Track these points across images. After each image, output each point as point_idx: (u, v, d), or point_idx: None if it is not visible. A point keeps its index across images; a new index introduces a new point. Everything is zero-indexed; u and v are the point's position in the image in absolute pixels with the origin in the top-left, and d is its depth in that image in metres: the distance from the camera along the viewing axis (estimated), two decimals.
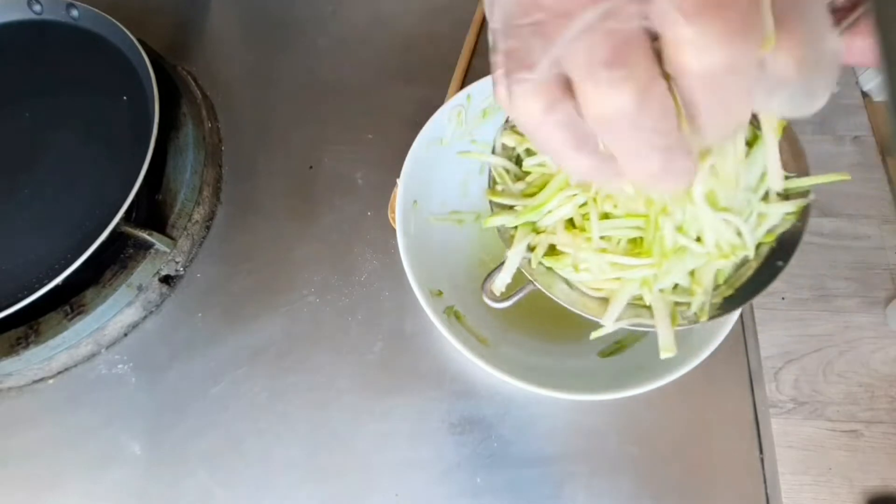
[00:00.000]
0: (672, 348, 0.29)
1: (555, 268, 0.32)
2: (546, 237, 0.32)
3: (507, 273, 0.33)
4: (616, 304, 0.30)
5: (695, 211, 0.27)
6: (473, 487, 0.41)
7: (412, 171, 0.42)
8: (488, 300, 0.34)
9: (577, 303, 0.32)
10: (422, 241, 0.41)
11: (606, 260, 0.30)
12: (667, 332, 0.29)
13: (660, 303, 0.30)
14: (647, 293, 0.30)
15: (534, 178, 0.33)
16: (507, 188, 0.34)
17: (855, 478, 0.39)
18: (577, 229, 0.31)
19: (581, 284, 0.32)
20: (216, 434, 0.43)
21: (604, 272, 0.31)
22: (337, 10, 0.60)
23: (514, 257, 0.32)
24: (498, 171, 0.35)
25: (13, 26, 0.56)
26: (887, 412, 0.40)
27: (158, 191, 0.49)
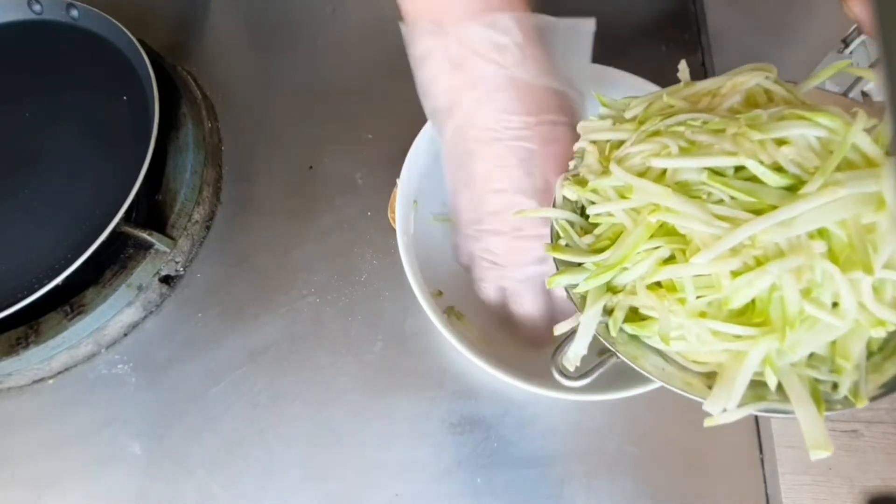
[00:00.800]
0: (826, 445, 0.22)
1: (640, 336, 0.27)
2: (626, 298, 0.27)
3: (582, 343, 0.27)
4: (731, 385, 0.24)
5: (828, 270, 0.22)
6: (473, 487, 0.41)
7: (412, 171, 0.42)
8: (560, 377, 0.28)
9: (675, 380, 0.26)
10: (422, 240, 0.41)
11: (707, 327, 0.24)
12: (813, 422, 0.22)
13: (795, 382, 0.23)
14: (771, 373, 0.24)
15: (603, 230, 0.29)
16: (573, 243, 0.30)
17: (855, 478, 0.39)
18: (665, 288, 0.26)
19: (678, 356, 0.27)
20: (216, 434, 0.43)
21: (704, 343, 0.25)
22: (337, 10, 0.60)
23: (588, 323, 0.27)
24: (560, 224, 0.31)
25: (13, 26, 0.56)
26: (887, 412, 0.40)
27: (158, 191, 0.49)
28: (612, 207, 0.28)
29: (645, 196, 0.26)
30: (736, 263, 0.23)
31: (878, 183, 0.22)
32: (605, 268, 0.27)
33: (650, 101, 0.31)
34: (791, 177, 0.23)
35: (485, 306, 0.41)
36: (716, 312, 0.25)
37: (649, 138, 0.28)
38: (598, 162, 0.31)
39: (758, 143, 0.24)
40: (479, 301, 0.41)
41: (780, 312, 0.23)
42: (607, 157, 0.30)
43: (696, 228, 0.24)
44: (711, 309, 0.25)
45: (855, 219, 0.22)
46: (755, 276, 0.23)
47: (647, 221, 0.26)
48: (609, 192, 0.29)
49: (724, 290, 0.24)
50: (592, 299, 0.27)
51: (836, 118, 0.24)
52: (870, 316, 0.23)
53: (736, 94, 0.28)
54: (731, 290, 0.24)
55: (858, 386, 0.23)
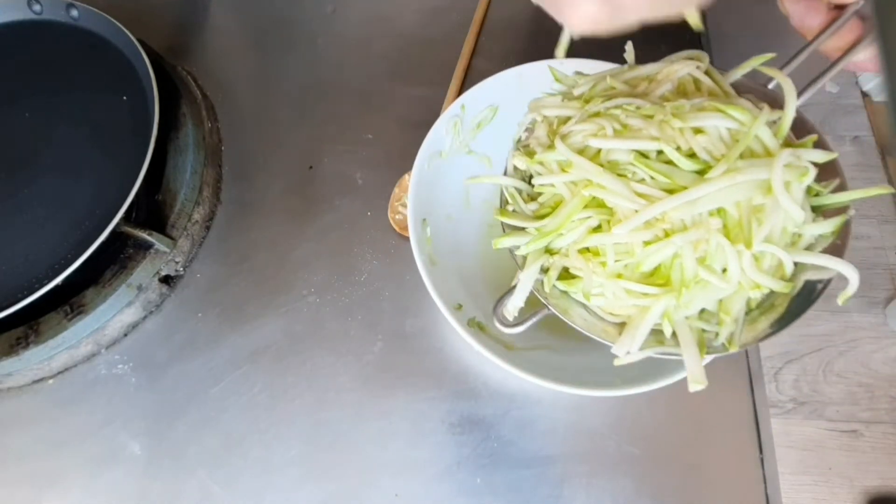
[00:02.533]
0: (702, 380, 0.27)
1: (569, 292, 0.31)
2: (560, 259, 0.31)
3: (520, 297, 0.32)
4: (634, 333, 0.29)
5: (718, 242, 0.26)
6: (473, 487, 0.41)
7: (418, 190, 0.42)
8: (500, 325, 0.33)
9: (595, 328, 0.30)
10: (436, 257, 0.41)
11: (621, 286, 0.29)
12: (695, 362, 0.28)
13: (685, 331, 0.28)
14: (668, 324, 0.28)
15: (546, 199, 0.33)
16: (519, 209, 0.33)
17: (855, 478, 0.39)
18: (592, 252, 0.30)
19: (599, 309, 0.31)
20: (216, 434, 0.43)
21: (619, 299, 0.29)
22: (337, 10, 0.61)
23: (526, 280, 0.31)
24: (510, 191, 0.34)
25: (13, 26, 0.56)
26: (887, 412, 0.40)
27: (158, 191, 0.49)
28: (553, 179, 0.31)
29: (581, 172, 0.30)
30: (648, 235, 0.28)
31: (770, 171, 0.26)
32: (543, 233, 0.31)
33: (596, 81, 0.34)
34: (701, 162, 0.28)
35: None
36: (630, 274, 0.29)
37: (591, 118, 0.31)
38: (546, 136, 0.34)
39: (678, 130, 0.28)
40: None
41: (679, 276, 0.28)
42: (555, 131, 0.34)
43: (619, 203, 0.28)
44: (627, 271, 0.29)
45: (747, 201, 0.27)
46: (662, 245, 0.27)
47: (581, 195, 0.30)
48: (553, 166, 0.32)
49: (637, 256, 0.28)
50: (531, 260, 0.31)
51: (745, 112, 0.27)
52: (749, 280, 0.28)
53: (668, 81, 0.31)
54: (642, 257, 0.28)
55: (733, 335, 0.29)
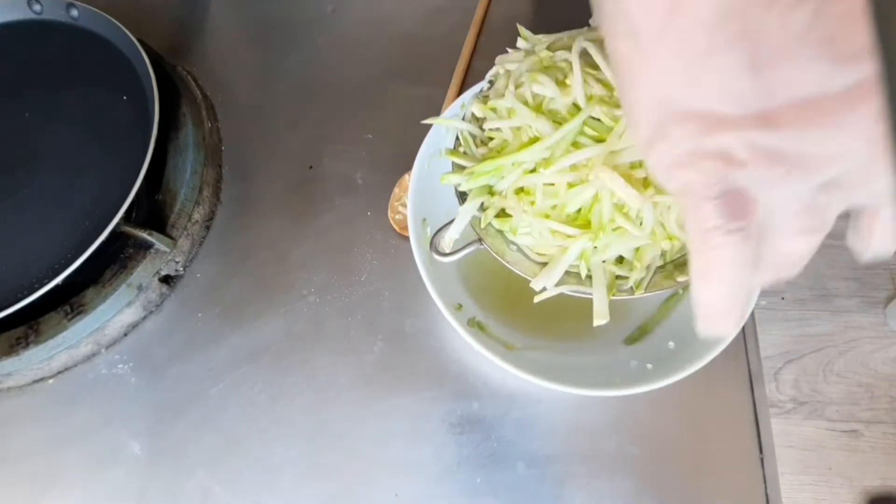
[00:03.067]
0: (605, 315, 0.30)
1: (503, 231, 0.34)
2: (499, 200, 0.33)
3: (456, 229, 0.35)
4: (552, 269, 0.32)
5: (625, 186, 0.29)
6: (473, 487, 0.41)
7: (418, 190, 0.41)
8: (435, 255, 0.36)
9: (519, 264, 0.33)
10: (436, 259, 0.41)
11: (546, 226, 0.31)
12: (601, 299, 0.31)
13: (599, 272, 0.32)
14: (585, 264, 0.31)
15: (495, 144, 0.35)
16: (470, 151, 0.36)
17: (855, 477, 0.39)
18: (525, 193, 0.32)
19: (527, 249, 0.34)
20: (216, 434, 0.43)
21: (543, 238, 0.32)
22: (337, 10, 0.60)
23: (464, 214, 0.34)
24: (464, 135, 0.36)
25: (13, 26, 0.56)
26: (887, 412, 0.40)
27: (158, 191, 0.49)
28: (500, 124, 0.33)
29: (523, 118, 0.32)
30: (572, 177, 0.30)
31: None
32: (483, 172, 0.33)
33: (555, 40, 0.35)
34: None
35: (505, 313, 0.42)
36: (557, 216, 0.31)
37: (541, 71, 0.33)
38: (505, 87, 0.35)
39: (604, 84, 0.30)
40: (499, 309, 0.42)
41: (597, 219, 0.30)
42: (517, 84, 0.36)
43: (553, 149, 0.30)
44: (554, 213, 0.31)
45: None
46: (583, 188, 0.30)
47: (521, 139, 0.32)
48: (503, 112, 0.34)
49: (562, 197, 0.31)
50: (472, 197, 0.33)
51: None
52: (664, 232, 0.30)
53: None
54: (566, 198, 0.30)
55: (642, 281, 0.31)
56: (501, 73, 0.36)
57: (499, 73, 0.37)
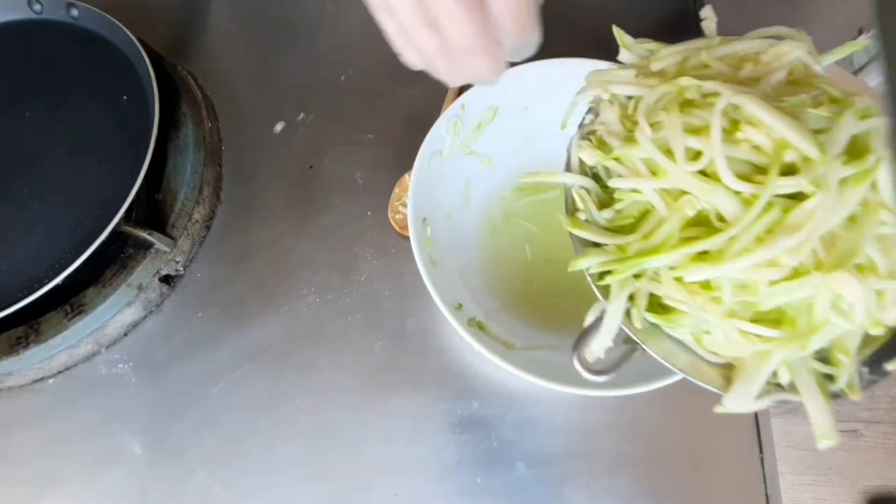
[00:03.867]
0: (832, 435, 0.24)
1: (666, 328, 0.26)
2: (648, 285, 0.26)
3: (608, 334, 0.26)
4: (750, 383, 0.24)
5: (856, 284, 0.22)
6: (473, 487, 0.41)
7: (418, 190, 0.41)
8: (583, 371, 0.27)
9: (687, 366, 0.26)
10: (436, 257, 0.41)
11: (736, 327, 0.24)
12: (822, 413, 0.24)
13: (807, 378, 0.24)
14: (786, 372, 0.25)
15: (625, 206, 0.27)
16: (592, 217, 0.28)
17: (855, 477, 0.39)
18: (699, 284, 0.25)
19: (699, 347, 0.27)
20: (216, 433, 0.43)
21: (731, 342, 0.25)
22: (337, 9, 0.60)
23: (614, 313, 0.26)
24: (579, 193, 0.28)
25: (13, 26, 0.56)
26: (887, 412, 0.40)
27: (158, 190, 0.49)
28: (641, 185, 0.26)
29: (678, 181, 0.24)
30: (776, 273, 0.23)
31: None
32: (635, 259, 0.25)
33: (685, 56, 0.28)
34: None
35: (504, 312, 0.42)
36: (743, 311, 0.25)
37: (683, 108, 0.25)
38: (619, 121, 0.28)
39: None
40: (498, 307, 0.42)
41: (806, 319, 0.24)
42: (630, 116, 0.28)
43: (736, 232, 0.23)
44: (740, 308, 0.25)
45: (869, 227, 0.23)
46: (795, 286, 0.23)
47: (684, 211, 0.25)
48: (637, 165, 0.26)
49: (760, 295, 0.24)
50: (618, 288, 0.26)
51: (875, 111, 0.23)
52: (872, 318, 0.24)
53: (780, 67, 0.26)
54: (766, 296, 0.24)
55: (853, 379, 0.25)
56: (605, 97, 0.29)
57: (600, 99, 0.29)
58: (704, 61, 0.27)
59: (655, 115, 0.26)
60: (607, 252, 0.27)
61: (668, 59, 0.28)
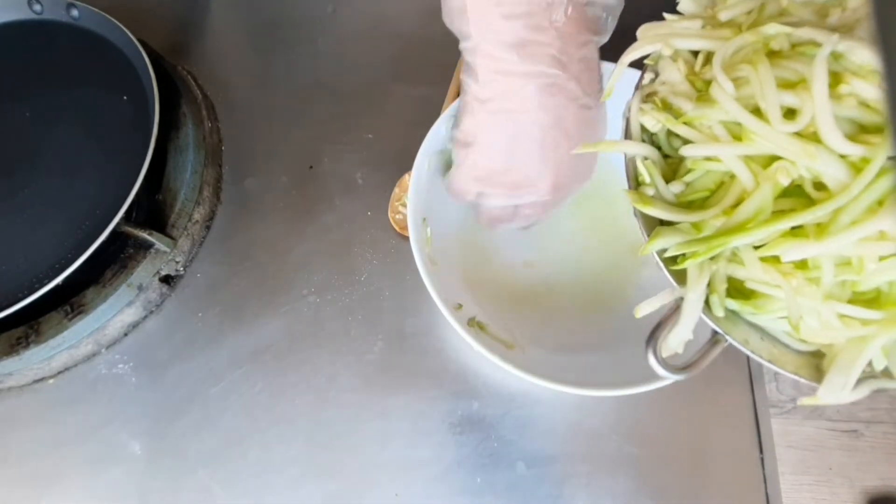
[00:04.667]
0: None
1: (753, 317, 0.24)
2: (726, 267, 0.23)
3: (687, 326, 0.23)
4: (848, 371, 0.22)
5: None
6: (473, 487, 0.41)
7: (418, 190, 0.41)
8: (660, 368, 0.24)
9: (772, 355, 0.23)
10: (436, 257, 0.41)
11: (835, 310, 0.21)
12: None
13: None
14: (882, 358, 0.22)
15: (697, 177, 0.24)
16: (658, 192, 0.25)
17: (855, 478, 0.39)
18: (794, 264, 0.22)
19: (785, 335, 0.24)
20: (216, 433, 0.43)
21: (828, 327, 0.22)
22: (337, 10, 0.60)
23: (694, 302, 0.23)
24: (645, 164, 0.25)
25: (13, 26, 0.56)
26: (887, 412, 0.40)
27: (158, 191, 0.49)
28: (723, 152, 0.22)
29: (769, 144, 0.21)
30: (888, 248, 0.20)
31: None
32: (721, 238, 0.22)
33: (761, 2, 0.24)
34: None
35: (504, 312, 0.42)
36: (840, 293, 0.22)
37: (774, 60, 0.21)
38: (685, 80, 0.24)
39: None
40: (498, 307, 0.42)
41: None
42: (698, 74, 0.24)
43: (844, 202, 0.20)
44: (840, 290, 0.22)
45: None
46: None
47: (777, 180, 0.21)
48: (715, 129, 0.23)
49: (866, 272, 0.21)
50: (697, 273, 0.23)
51: None
52: None
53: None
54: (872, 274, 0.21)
55: None
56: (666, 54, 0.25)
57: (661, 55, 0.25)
58: (784, 7, 0.23)
59: (735, 70, 0.22)
60: (682, 231, 0.23)
61: (741, 7, 0.24)
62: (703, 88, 0.24)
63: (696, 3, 0.26)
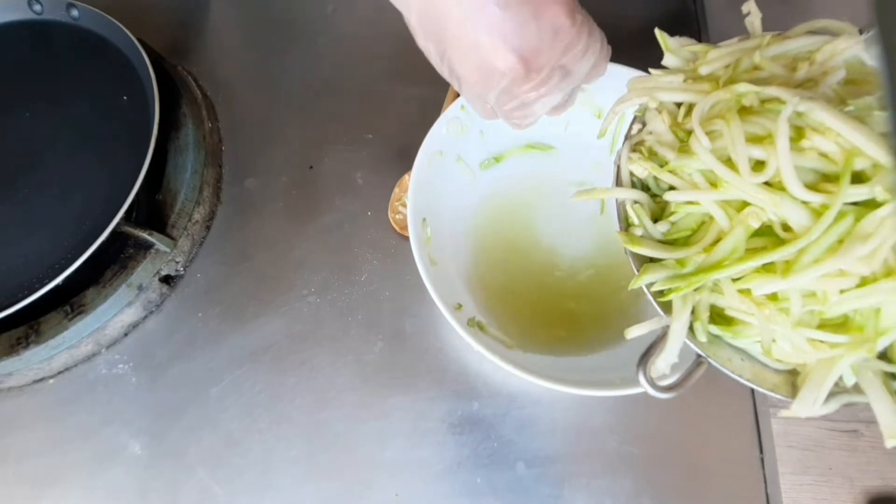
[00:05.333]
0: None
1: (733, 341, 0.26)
2: (709, 297, 0.26)
3: (672, 351, 0.26)
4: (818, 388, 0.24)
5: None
6: (473, 487, 0.41)
7: (418, 190, 0.41)
8: (650, 389, 0.27)
9: (751, 374, 0.26)
10: (436, 257, 0.41)
11: (804, 335, 0.24)
12: (890, 412, 0.23)
13: (873, 380, 0.24)
14: (851, 375, 0.24)
15: (681, 218, 0.27)
16: (647, 232, 0.27)
17: (855, 477, 0.39)
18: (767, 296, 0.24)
19: (763, 355, 0.26)
20: (216, 433, 0.43)
21: (799, 350, 0.25)
22: (337, 10, 0.60)
23: (679, 329, 0.25)
24: (634, 208, 0.28)
25: (13, 26, 0.56)
26: None
27: (158, 191, 0.49)
28: (702, 198, 0.25)
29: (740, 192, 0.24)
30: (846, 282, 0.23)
31: None
32: (701, 274, 0.25)
33: (736, 58, 0.27)
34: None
35: (504, 312, 0.42)
36: (809, 319, 0.24)
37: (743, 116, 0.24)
38: (669, 131, 0.27)
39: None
40: (497, 307, 0.42)
41: (874, 324, 0.24)
42: (681, 125, 0.27)
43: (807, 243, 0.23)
44: (806, 316, 0.25)
45: None
46: (866, 293, 0.23)
47: (748, 223, 0.24)
48: (694, 177, 0.26)
49: (829, 304, 0.23)
50: (681, 303, 0.26)
51: None
52: None
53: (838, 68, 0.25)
54: (836, 304, 0.23)
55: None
56: (652, 106, 0.28)
57: (647, 107, 0.28)
58: (757, 63, 0.26)
59: (711, 124, 0.25)
60: (667, 267, 0.26)
61: (719, 62, 0.27)
62: (685, 138, 0.27)
63: (678, 58, 0.29)
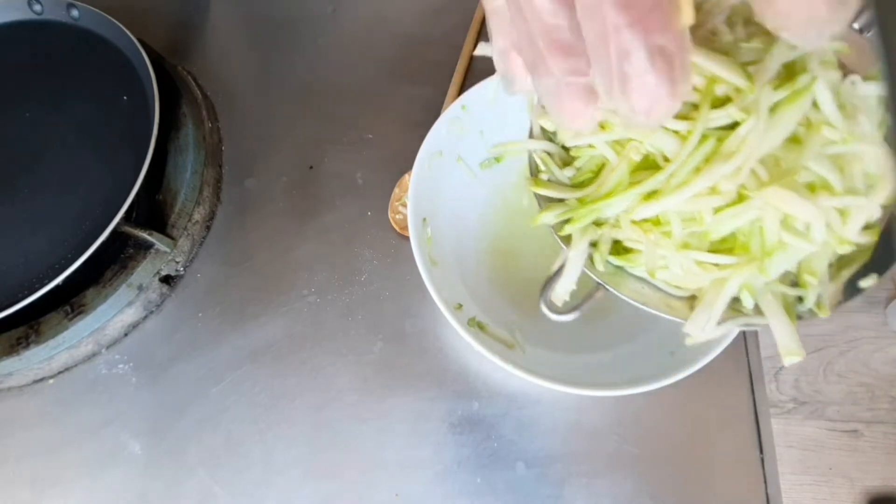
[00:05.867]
0: (798, 351, 0.24)
1: (626, 267, 0.28)
2: (610, 231, 0.27)
3: (570, 278, 0.28)
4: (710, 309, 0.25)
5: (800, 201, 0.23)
6: (473, 487, 0.41)
7: (418, 190, 0.41)
8: (549, 312, 0.29)
9: (655, 302, 0.27)
10: (436, 257, 0.41)
11: (690, 258, 0.25)
12: (787, 333, 0.25)
13: (770, 300, 0.25)
14: (749, 297, 0.25)
15: (584, 163, 0.29)
16: (554, 177, 0.29)
17: (855, 478, 0.39)
18: (650, 222, 0.26)
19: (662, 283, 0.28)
20: (216, 434, 0.43)
21: (688, 273, 0.26)
22: (337, 10, 0.60)
23: (576, 259, 0.27)
24: (541, 156, 0.30)
25: (13, 26, 0.56)
26: (888, 412, 0.40)
27: (158, 191, 0.49)
28: (594, 139, 0.27)
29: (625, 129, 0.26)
30: (718, 201, 0.24)
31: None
32: (589, 204, 0.27)
33: None
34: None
35: (505, 312, 0.42)
36: (698, 243, 0.26)
37: None
38: None
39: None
40: (498, 307, 0.42)
41: (759, 243, 0.25)
42: None
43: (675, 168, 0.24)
44: (694, 240, 0.26)
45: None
46: (739, 211, 0.24)
47: (630, 157, 0.26)
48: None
49: (706, 224, 0.25)
50: (579, 235, 0.28)
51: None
52: (836, 236, 0.25)
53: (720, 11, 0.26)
54: (713, 224, 0.25)
55: (822, 298, 0.25)
56: None
57: None
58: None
59: None
60: (567, 205, 0.28)
61: None
62: None
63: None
